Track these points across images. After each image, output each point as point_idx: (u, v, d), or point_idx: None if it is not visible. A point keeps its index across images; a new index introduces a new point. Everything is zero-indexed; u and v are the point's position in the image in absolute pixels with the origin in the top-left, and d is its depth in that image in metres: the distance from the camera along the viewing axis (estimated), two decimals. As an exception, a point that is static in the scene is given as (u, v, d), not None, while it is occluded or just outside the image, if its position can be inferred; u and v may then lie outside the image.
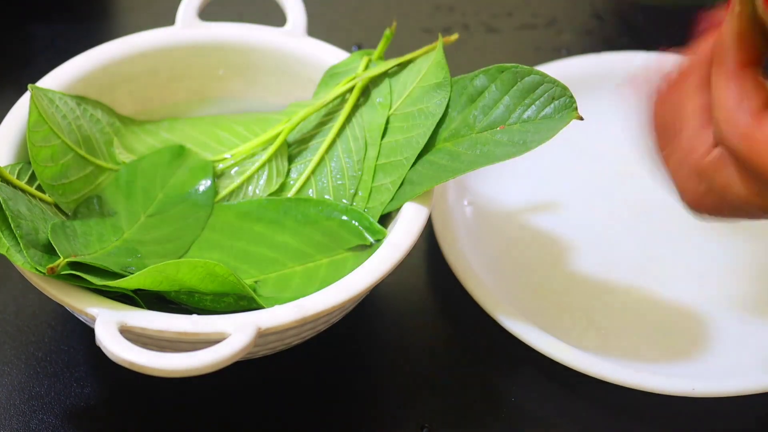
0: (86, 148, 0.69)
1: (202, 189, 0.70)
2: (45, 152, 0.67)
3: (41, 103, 0.67)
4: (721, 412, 0.69)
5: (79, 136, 0.69)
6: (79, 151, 0.68)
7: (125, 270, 0.64)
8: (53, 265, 0.61)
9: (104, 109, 0.72)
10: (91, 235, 0.66)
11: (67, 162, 0.68)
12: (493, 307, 0.70)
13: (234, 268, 0.65)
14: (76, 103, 0.70)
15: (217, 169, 0.71)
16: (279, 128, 0.71)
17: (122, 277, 0.62)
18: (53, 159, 0.67)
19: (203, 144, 0.72)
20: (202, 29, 0.75)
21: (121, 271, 0.63)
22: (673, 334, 0.72)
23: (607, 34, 0.91)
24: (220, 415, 0.68)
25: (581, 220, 0.77)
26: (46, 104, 0.68)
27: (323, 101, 0.71)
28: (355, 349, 0.71)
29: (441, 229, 0.73)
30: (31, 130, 0.66)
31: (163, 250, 0.67)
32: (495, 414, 0.69)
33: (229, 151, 0.71)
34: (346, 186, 0.69)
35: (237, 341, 0.59)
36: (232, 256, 0.67)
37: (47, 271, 0.61)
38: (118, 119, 0.72)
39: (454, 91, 0.69)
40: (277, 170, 0.70)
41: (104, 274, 0.63)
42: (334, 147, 0.70)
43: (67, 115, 0.69)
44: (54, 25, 0.89)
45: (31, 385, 0.68)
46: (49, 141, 0.67)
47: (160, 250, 0.67)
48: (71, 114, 0.69)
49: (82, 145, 0.69)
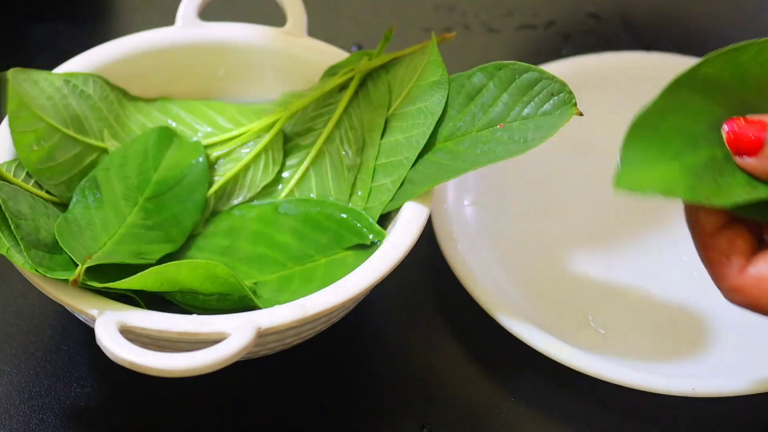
0: (75, 128, 0.69)
1: (195, 170, 0.70)
2: (29, 137, 0.67)
3: (22, 86, 0.67)
4: (721, 412, 0.69)
5: (66, 116, 0.69)
6: (67, 132, 0.68)
7: (139, 257, 0.64)
8: (75, 276, 0.61)
9: (96, 80, 0.71)
10: (95, 225, 0.65)
11: (54, 144, 0.68)
12: (493, 307, 0.70)
13: (234, 269, 0.65)
14: (63, 81, 0.69)
15: (212, 156, 0.71)
16: (275, 117, 0.71)
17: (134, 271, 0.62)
18: (38, 142, 0.67)
19: (195, 127, 0.72)
20: (202, 29, 0.75)
21: (135, 260, 0.63)
22: (673, 334, 0.72)
23: (607, 34, 0.91)
24: (220, 415, 0.68)
25: (581, 220, 0.77)
26: (29, 86, 0.67)
27: (320, 91, 0.71)
28: (355, 349, 0.71)
29: (441, 229, 0.73)
30: (12, 117, 0.66)
31: (167, 236, 0.67)
32: (495, 414, 0.69)
33: (222, 134, 0.71)
34: (344, 176, 0.69)
35: (237, 341, 0.59)
36: (233, 256, 0.67)
37: (71, 283, 0.61)
38: (111, 92, 0.72)
39: (452, 90, 0.68)
40: (273, 160, 0.70)
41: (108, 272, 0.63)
42: (332, 138, 0.70)
43: (53, 95, 0.68)
44: (54, 25, 0.89)
45: (31, 385, 0.68)
46: (32, 125, 0.67)
47: (163, 235, 0.67)
48: (57, 94, 0.69)
49: (70, 125, 0.69)
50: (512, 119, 0.66)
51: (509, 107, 0.67)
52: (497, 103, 0.67)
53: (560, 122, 0.65)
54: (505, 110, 0.67)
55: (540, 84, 0.66)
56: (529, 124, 0.66)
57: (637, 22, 0.92)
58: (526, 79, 0.67)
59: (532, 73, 0.66)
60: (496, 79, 0.67)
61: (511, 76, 0.67)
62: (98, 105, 0.71)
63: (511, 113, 0.67)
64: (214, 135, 0.72)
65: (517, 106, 0.66)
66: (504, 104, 0.67)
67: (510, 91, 0.67)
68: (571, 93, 0.65)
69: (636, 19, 0.92)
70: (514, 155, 0.66)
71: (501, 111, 0.67)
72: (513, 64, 0.67)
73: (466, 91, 0.68)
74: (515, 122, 0.66)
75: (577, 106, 0.65)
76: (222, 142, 0.71)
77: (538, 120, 0.66)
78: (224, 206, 0.70)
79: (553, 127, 0.65)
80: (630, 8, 0.93)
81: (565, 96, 0.66)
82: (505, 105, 0.67)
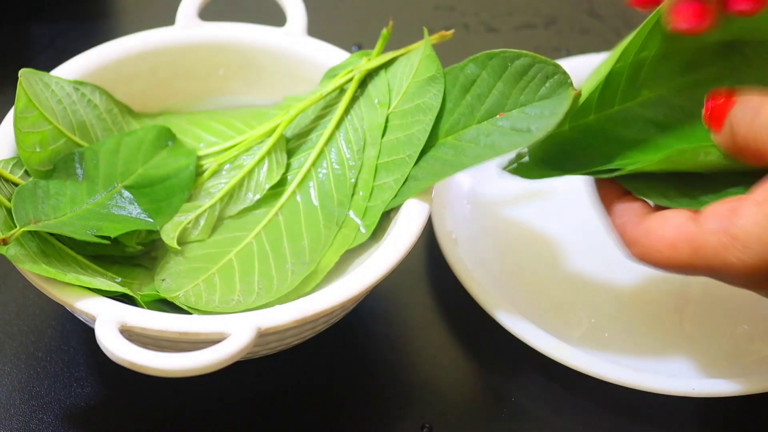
0: (80, 134, 0.69)
1: (181, 175, 0.70)
2: (33, 138, 0.66)
3: (34, 87, 0.67)
4: (721, 412, 0.69)
5: (73, 121, 0.69)
6: (73, 137, 0.68)
7: (87, 234, 0.63)
8: (6, 236, 0.61)
9: (102, 93, 0.71)
10: (63, 196, 0.65)
11: (58, 148, 0.68)
12: (493, 307, 0.70)
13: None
14: (73, 87, 0.70)
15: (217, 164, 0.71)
16: (276, 121, 0.71)
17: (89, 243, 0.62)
18: (42, 145, 0.67)
19: (199, 137, 0.72)
20: (202, 29, 0.75)
21: (83, 236, 0.63)
22: (673, 333, 0.72)
23: (607, 34, 0.91)
24: (220, 415, 0.68)
25: (581, 220, 0.77)
26: (40, 88, 0.67)
27: (320, 94, 0.71)
28: (355, 348, 0.71)
29: (441, 229, 0.73)
30: (19, 115, 0.66)
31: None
32: (495, 414, 0.69)
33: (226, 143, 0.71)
34: (346, 176, 0.69)
35: (237, 341, 0.59)
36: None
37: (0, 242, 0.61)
38: (116, 106, 0.72)
39: (447, 83, 0.68)
40: (277, 162, 0.70)
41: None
42: (333, 139, 0.70)
43: (62, 99, 0.68)
44: (54, 25, 0.89)
45: (31, 385, 0.68)
46: (38, 126, 0.67)
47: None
48: (67, 99, 0.69)
49: (77, 131, 0.69)
50: (510, 107, 0.66)
51: (505, 95, 0.66)
52: (493, 92, 0.67)
53: (561, 108, 0.64)
54: (502, 98, 0.66)
55: (534, 68, 0.66)
56: (529, 111, 0.66)
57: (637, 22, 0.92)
58: (519, 65, 0.66)
59: (525, 59, 0.66)
60: (489, 68, 0.67)
61: (504, 63, 0.67)
62: (104, 116, 0.71)
63: (508, 101, 0.66)
64: (218, 143, 0.72)
65: (514, 93, 0.66)
66: (500, 92, 0.66)
67: (504, 79, 0.66)
68: (566, 74, 0.65)
69: (636, 19, 0.92)
70: (518, 146, 0.65)
71: (498, 100, 0.66)
72: (504, 52, 0.66)
73: (461, 83, 0.68)
74: (515, 110, 0.66)
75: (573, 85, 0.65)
76: (226, 150, 0.71)
77: (537, 106, 0.65)
78: (231, 211, 0.70)
79: (554, 114, 0.65)
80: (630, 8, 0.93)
81: (560, 77, 0.65)
82: (501, 93, 0.66)
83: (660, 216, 0.60)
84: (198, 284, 0.66)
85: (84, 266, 0.65)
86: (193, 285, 0.65)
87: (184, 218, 0.69)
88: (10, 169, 0.66)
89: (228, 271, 0.66)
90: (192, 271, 0.66)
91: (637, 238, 0.61)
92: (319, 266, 0.68)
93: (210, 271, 0.66)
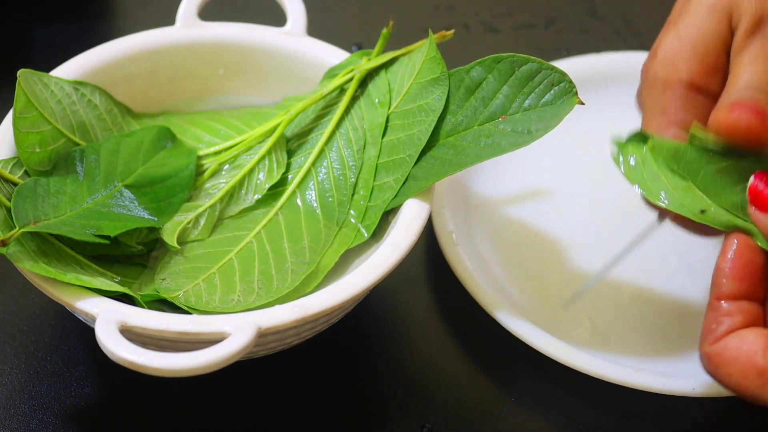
0: (80, 134, 0.69)
1: (182, 174, 0.70)
2: (33, 138, 0.66)
3: (33, 88, 0.67)
4: (721, 412, 0.69)
5: (73, 122, 0.69)
6: (73, 137, 0.68)
7: (87, 234, 0.63)
8: (5, 237, 0.61)
9: (102, 93, 0.71)
10: (64, 194, 0.65)
11: (57, 148, 0.68)
12: (493, 307, 0.70)
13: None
14: (73, 88, 0.70)
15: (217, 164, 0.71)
16: (276, 120, 0.71)
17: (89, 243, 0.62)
18: (41, 145, 0.67)
19: (199, 137, 0.72)
20: (202, 29, 0.75)
21: (82, 237, 0.63)
22: (673, 333, 0.72)
23: (607, 34, 0.91)
24: (220, 415, 0.68)
25: (581, 220, 0.77)
26: (40, 89, 0.67)
27: (320, 93, 0.71)
28: (355, 348, 0.71)
29: (441, 229, 0.73)
30: (18, 115, 0.66)
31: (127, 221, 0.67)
32: (495, 414, 0.69)
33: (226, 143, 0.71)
34: (346, 176, 0.69)
35: (237, 341, 0.59)
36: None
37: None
38: (116, 106, 0.72)
39: (452, 84, 0.68)
40: (277, 162, 0.70)
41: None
42: (333, 138, 0.70)
43: (62, 100, 0.68)
44: (54, 25, 0.89)
45: (31, 385, 0.68)
46: (37, 127, 0.67)
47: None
48: (67, 99, 0.69)
49: (77, 131, 0.69)
50: (514, 111, 0.66)
51: (510, 99, 0.67)
52: (498, 96, 0.67)
53: (563, 112, 0.65)
54: (506, 102, 0.67)
55: (540, 75, 0.66)
56: (531, 115, 0.66)
57: (637, 22, 0.92)
58: (526, 71, 0.66)
59: (532, 64, 0.66)
60: (496, 71, 0.67)
61: (510, 68, 0.67)
62: (104, 116, 0.71)
63: (512, 105, 0.66)
64: (218, 143, 0.72)
65: (518, 98, 0.66)
66: (505, 96, 0.67)
67: (510, 84, 0.67)
68: (572, 83, 0.65)
69: (636, 19, 0.92)
70: (518, 147, 0.66)
71: (502, 103, 0.67)
72: (511, 56, 0.67)
73: (466, 86, 0.68)
74: (517, 114, 0.66)
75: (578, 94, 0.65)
76: (226, 149, 0.71)
77: (540, 111, 0.66)
78: (231, 211, 0.70)
79: (556, 117, 0.65)
80: (630, 8, 0.93)
81: (566, 86, 0.65)
82: (505, 97, 0.67)
83: (737, 337, 0.60)
84: (198, 284, 0.66)
85: (84, 266, 0.65)
86: (193, 285, 0.65)
87: (184, 218, 0.69)
88: (9, 169, 0.66)
89: (228, 271, 0.67)
90: (192, 270, 0.66)
91: (711, 355, 0.61)
92: (319, 266, 0.68)
93: (210, 270, 0.66)
